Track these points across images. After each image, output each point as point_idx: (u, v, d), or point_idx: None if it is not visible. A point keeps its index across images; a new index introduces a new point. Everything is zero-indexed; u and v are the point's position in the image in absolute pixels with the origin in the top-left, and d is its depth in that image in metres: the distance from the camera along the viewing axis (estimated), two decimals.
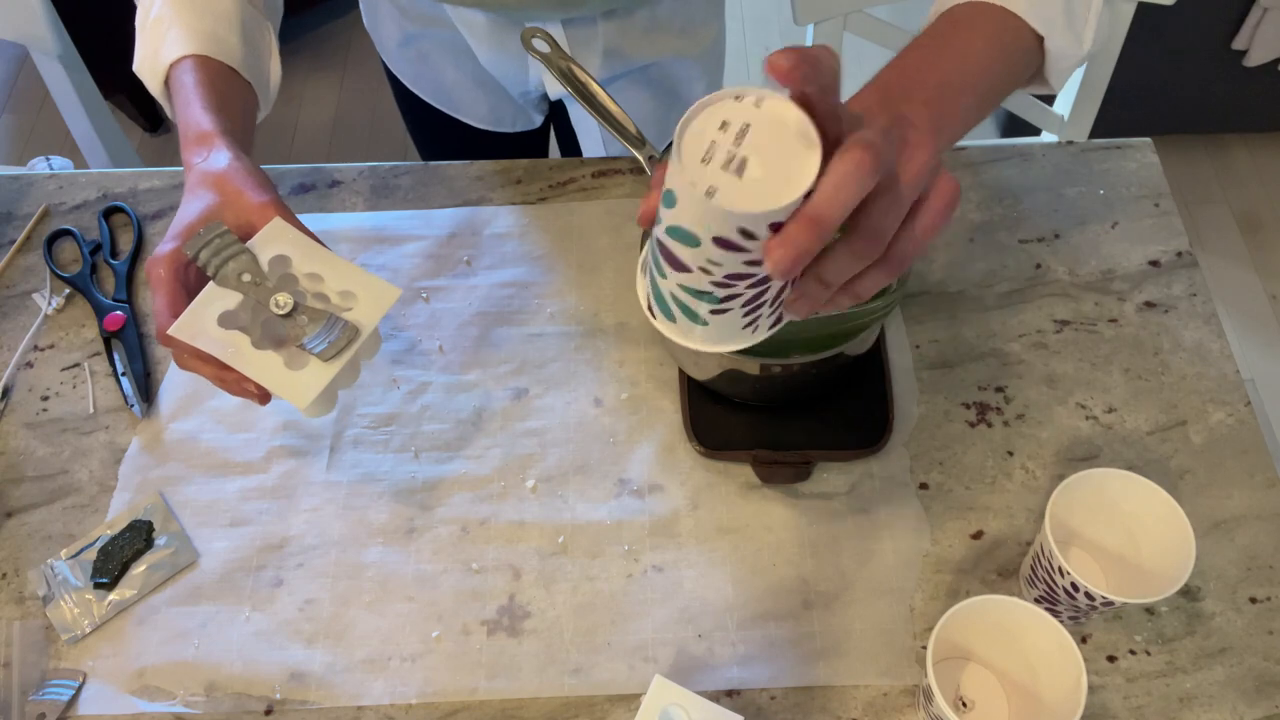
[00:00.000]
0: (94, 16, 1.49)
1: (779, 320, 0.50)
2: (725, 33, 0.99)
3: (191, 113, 0.66)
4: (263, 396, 0.61)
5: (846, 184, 0.41)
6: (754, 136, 0.42)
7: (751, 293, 0.47)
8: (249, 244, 0.61)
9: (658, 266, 0.48)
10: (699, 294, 0.47)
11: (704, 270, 0.45)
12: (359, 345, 0.61)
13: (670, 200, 0.44)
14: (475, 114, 1.01)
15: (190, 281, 0.61)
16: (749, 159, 0.42)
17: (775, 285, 0.47)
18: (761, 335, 0.50)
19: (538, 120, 1.05)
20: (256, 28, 0.74)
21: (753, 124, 0.43)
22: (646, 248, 0.50)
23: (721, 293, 0.46)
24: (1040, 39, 0.59)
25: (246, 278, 0.60)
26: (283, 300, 0.59)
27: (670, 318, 0.50)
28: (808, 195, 0.42)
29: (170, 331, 0.59)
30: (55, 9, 1.10)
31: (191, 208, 0.62)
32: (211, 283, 0.60)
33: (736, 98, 0.43)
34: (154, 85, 0.70)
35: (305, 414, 0.61)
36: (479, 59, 0.92)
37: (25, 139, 2.17)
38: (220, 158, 0.63)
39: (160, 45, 0.69)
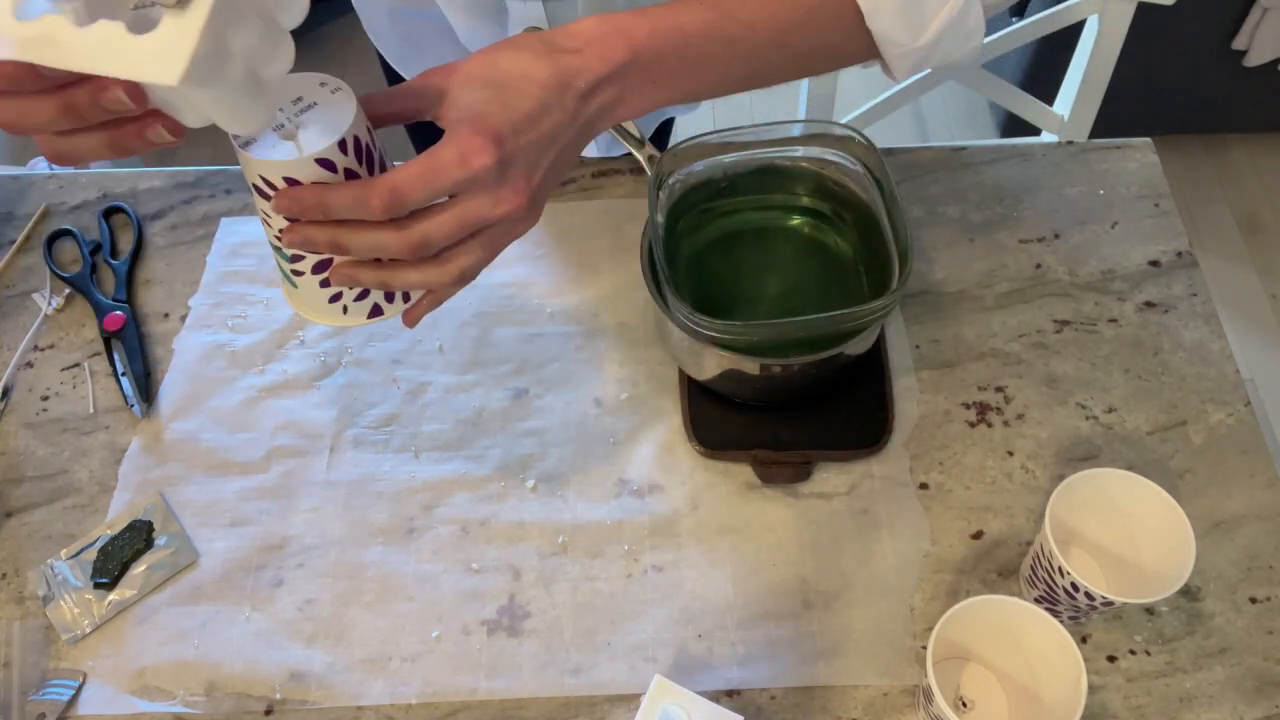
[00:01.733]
0: None
1: (377, 311, 0.55)
2: None
3: None
4: (133, 94, 0.40)
5: (359, 196, 0.46)
6: (315, 113, 0.48)
7: (314, 258, 0.52)
8: None
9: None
10: (275, 249, 0.52)
11: (265, 221, 0.51)
12: None
13: None
14: None
15: None
16: (299, 130, 0.48)
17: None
18: (355, 318, 0.55)
19: None
20: None
21: (320, 104, 0.49)
22: None
23: (288, 251, 0.51)
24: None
25: None
26: None
27: (284, 281, 0.55)
28: (322, 163, 0.47)
29: None
30: None
31: None
32: None
33: (321, 84, 0.50)
34: None
35: (226, 128, 0.45)
36: (459, 37, 0.92)
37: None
38: None
39: None
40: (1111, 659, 0.66)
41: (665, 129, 1.09)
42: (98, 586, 0.69)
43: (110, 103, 0.40)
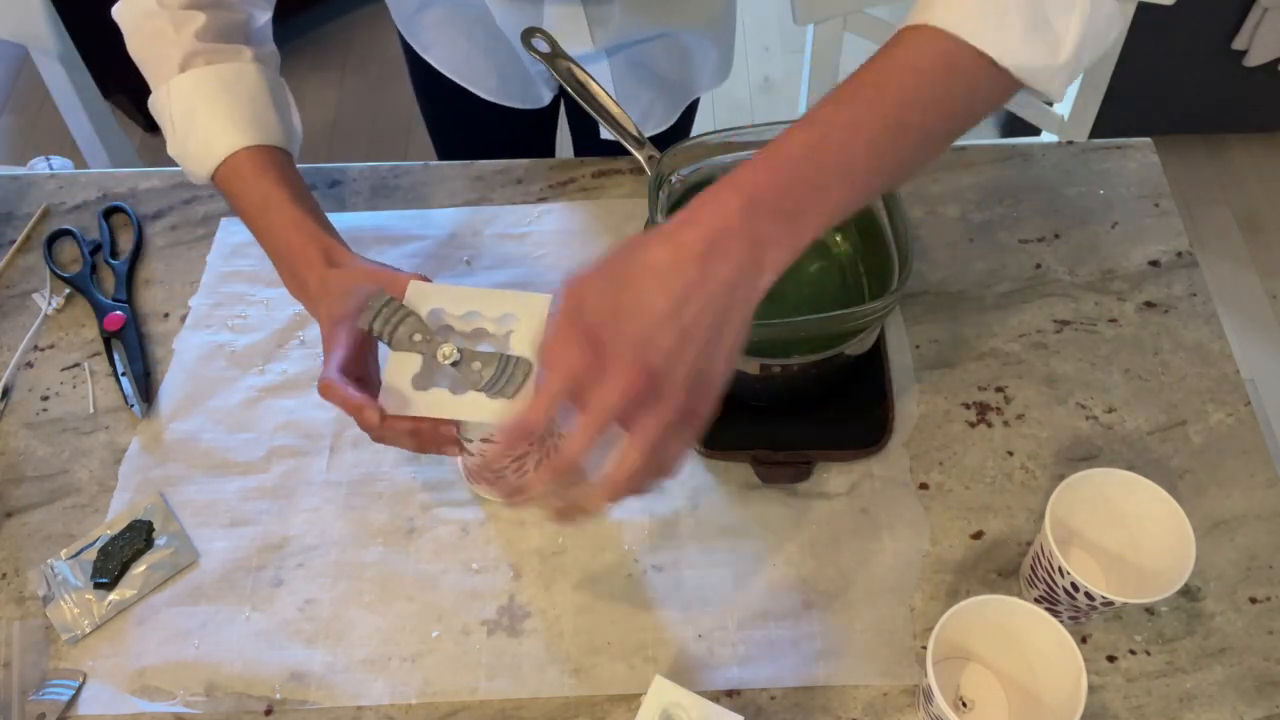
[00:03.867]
0: (94, 16, 1.48)
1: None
2: (736, 4, 0.99)
3: (284, 215, 0.67)
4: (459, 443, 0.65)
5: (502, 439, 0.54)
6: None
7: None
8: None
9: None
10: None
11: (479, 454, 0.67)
12: (535, 374, 0.61)
13: None
14: (485, 86, 1.00)
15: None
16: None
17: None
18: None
19: (547, 97, 1.05)
20: (280, 92, 0.73)
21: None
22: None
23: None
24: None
25: (418, 338, 0.61)
26: (448, 351, 0.60)
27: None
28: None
29: (385, 409, 0.60)
30: (55, 9, 1.10)
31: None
32: (391, 354, 0.62)
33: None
34: (200, 174, 0.70)
35: None
36: (495, 19, 0.91)
37: (25, 139, 2.17)
38: (348, 259, 0.66)
39: (207, 137, 0.68)
40: (1111, 659, 0.66)
41: (690, 112, 1.08)
42: (98, 586, 0.69)
43: (447, 445, 0.64)
